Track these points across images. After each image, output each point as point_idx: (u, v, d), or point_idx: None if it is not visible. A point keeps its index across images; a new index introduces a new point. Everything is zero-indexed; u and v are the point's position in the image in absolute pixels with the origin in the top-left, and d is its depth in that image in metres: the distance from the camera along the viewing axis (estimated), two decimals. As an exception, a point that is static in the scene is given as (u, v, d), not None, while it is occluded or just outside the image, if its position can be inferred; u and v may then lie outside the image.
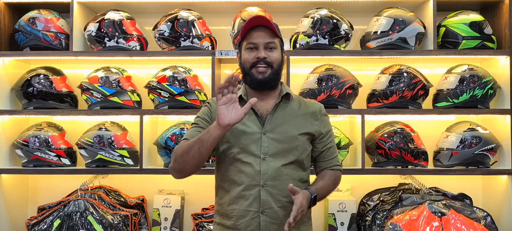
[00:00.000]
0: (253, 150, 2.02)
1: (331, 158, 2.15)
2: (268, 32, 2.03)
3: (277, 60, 2.05)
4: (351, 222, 3.11)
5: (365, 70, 3.42)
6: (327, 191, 2.12)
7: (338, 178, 2.18)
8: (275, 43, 2.05)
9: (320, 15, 3.09)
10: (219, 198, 2.12)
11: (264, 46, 2.02)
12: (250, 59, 2.03)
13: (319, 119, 2.13)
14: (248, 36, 2.05)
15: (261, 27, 2.03)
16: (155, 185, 3.32)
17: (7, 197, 3.19)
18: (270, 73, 2.03)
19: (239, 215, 2.02)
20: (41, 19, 3.17)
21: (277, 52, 2.05)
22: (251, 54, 2.03)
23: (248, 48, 2.04)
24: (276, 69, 2.04)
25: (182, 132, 3.06)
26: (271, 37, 2.03)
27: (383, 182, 3.29)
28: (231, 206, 2.04)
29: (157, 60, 3.20)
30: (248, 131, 2.03)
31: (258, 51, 2.02)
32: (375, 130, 3.14)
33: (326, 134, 2.14)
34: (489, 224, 2.86)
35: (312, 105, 2.16)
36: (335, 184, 2.16)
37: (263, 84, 2.04)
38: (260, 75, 2.02)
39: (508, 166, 3.05)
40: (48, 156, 3.08)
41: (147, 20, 3.38)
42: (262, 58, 2.01)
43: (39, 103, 3.13)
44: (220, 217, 2.10)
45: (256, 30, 2.03)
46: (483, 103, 3.08)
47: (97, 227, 2.90)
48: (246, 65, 2.05)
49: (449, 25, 3.14)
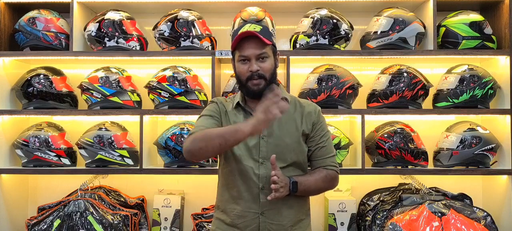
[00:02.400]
0: (252, 154, 2.06)
1: (324, 157, 2.13)
2: (259, 42, 2.03)
3: (270, 71, 2.06)
4: (351, 222, 3.11)
5: (365, 70, 3.42)
6: (314, 184, 2.08)
7: (331, 177, 2.13)
8: (267, 52, 2.05)
9: (320, 15, 3.09)
10: (220, 194, 2.16)
11: (256, 57, 2.03)
12: (244, 73, 2.05)
13: (314, 118, 2.13)
14: (239, 48, 2.06)
15: (252, 37, 2.03)
16: (155, 185, 3.32)
17: (7, 197, 3.19)
18: (264, 84, 2.04)
19: (239, 215, 2.06)
20: (41, 19, 3.17)
21: (269, 61, 2.06)
22: (244, 67, 2.05)
23: (241, 60, 2.06)
24: (269, 79, 2.06)
25: (182, 132, 3.06)
26: (261, 47, 2.03)
27: (383, 182, 3.29)
28: (232, 205, 2.08)
29: (157, 60, 3.20)
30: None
31: (250, 64, 2.03)
32: (375, 130, 3.14)
33: (319, 131, 2.13)
34: (489, 224, 2.86)
35: (307, 106, 2.17)
36: (326, 181, 2.12)
37: (259, 95, 2.04)
38: (255, 87, 2.04)
39: (508, 166, 3.04)
40: (48, 156, 3.08)
41: (147, 20, 3.38)
42: (255, 71, 2.03)
43: (39, 103, 3.13)
44: (220, 212, 2.14)
45: (247, 42, 2.04)
46: (483, 103, 3.08)
47: (97, 227, 2.90)
48: (242, 78, 2.07)
49: (449, 25, 3.14)
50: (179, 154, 3.04)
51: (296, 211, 2.09)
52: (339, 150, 3.04)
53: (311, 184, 2.08)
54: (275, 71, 2.11)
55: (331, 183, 2.15)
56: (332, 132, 3.07)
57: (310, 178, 2.09)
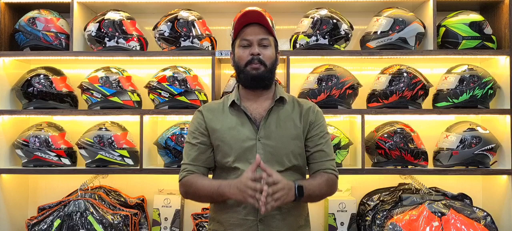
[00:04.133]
0: (248, 158, 1.97)
1: (324, 160, 2.04)
2: (262, 29, 2.01)
3: (271, 59, 2.01)
4: (351, 222, 3.12)
5: (365, 70, 3.42)
6: (318, 189, 1.96)
7: (332, 182, 2.03)
8: (269, 40, 2.02)
9: (320, 15, 3.09)
10: (214, 205, 2.07)
11: (258, 42, 2.00)
12: (245, 57, 2.00)
13: (311, 117, 2.06)
14: (241, 33, 2.02)
15: (255, 24, 2.01)
16: (155, 185, 3.32)
17: (7, 197, 3.19)
18: (264, 70, 1.99)
19: (236, 223, 1.97)
20: (41, 19, 3.17)
21: (270, 50, 2.02)
22: (245, 52, 2.00)
23: (242, 46, 2.01)
24: (269, 67, 2.01)
25: (182, 131, 3.06)
26: (264, 34, 2.01)
27: (383, 182, 3.29)
28: (228, 214, 1.99)
29: (157, 60, 3.20)
30: (242, 137, 1.99)
31: (252, 48, 1.99)
32: (375, 130, 3.14)
33: (318, 132, 2.05)
34: (489, 224, 2.85)
35: (306, 104, 2.10)
36: (329, 186, 2.01)
37: (257, 80, 1.99)
38: (253, 71, 1.98)
39: (508, 166, 3.05)
40: (48, 156, 3.09)
41: (147, 20, 3.38)
42: (255, 54, 1.98)
43: (39, 103, 3.13)
44: (216, 223, 2.06)
45: (250, 27, 2.00)
46: (483, 103, 3.08)
47: (97, 227, 2.90)
48: (241, 63, 2.01)
49: (449, 25, 3.14)
50: (179, 154, 3.04)
51: (295, 217, 2.01)
52: (339, 150, 3.04)
53: (315, 188, 1.95)
54: (275, 64, 2.06)
55: (332, 188, 2.04)
56: (332, 132, 3.07)
57: (313, 182, 1.97)
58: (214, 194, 1.92)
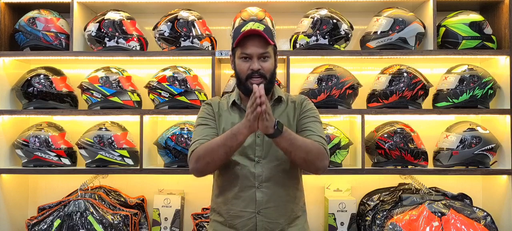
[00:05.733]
0: (247, 153, 2.05)
1: (310, 135, 2.02)
2: (262, 41, 2.03)
3: (270, 71, 2.05)
4: (351, 222, 3.12)
5: (365, 70, 3.42)
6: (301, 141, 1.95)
7: (319, 149, 1.98)
8: (269, 52, 2.05)
9: (320, 15, 3.09)
10: (215, 196, 2.15)
11: (258, 56, 2.03)
12: (245, 71, 2.04)
13: (301, 107, 2.13)
14: (242, 45, 2.04)
15: (255, 35, 2.02)
16: (155, 185, 3.32)
17: (7, 197, 3.19)
18: (264, 84, 2.02)
19: (235, 215, 2.05)
20: (41, 19, 3.17)
21: (270, 62, 2.05)
22: (245, 65, 2.04)
23: (242, 58, 2.05)
24: (269, 79, 2.05)
25: (182, 132, 3.06)
26: (264, 47, 2.03)
27: (383, 182, 3.29)
28: (227, 206, 2.07)
29: (157, 60, 3.20)
30: None
31: (252, 63, 2.02)
32: (375, 130, 3.14)
33: (305, 118, 2.09)
34: (489, 224, 2.86)
35: (297, 99, 2.17)
36: (315, 148, 1.97)
37: None
38: (254, 84, 2.00)
39: (508, 166, 3.05)
40: (48, 156, 3.09)
41: (147, 20, 3.38)
42: (256, 70, 2.02)
43: (39, 103, 3.13)
44: (216, 214, 2.13)
45: (250, 39, 2.03)
46: (483, 103, 3.08)
47: (97, 227, 2.90)
48: (241, 75, 2.06)
49: (449, 25, 3.14)
50: (179, 154, 3.04)
51: (292, 208, 2.08)
52: (339, 150, 3.04)
53: (298, 138, 1.95)
54: (275, 72, 2.11)
55: (319, 155, 1.98)
56: (332, 132, 3.07)
57: (297, 136, 1.97)
58: (227, 137, 1.93)
